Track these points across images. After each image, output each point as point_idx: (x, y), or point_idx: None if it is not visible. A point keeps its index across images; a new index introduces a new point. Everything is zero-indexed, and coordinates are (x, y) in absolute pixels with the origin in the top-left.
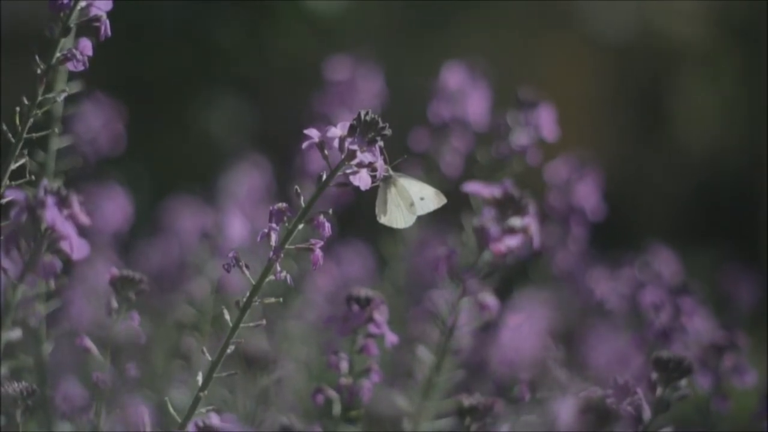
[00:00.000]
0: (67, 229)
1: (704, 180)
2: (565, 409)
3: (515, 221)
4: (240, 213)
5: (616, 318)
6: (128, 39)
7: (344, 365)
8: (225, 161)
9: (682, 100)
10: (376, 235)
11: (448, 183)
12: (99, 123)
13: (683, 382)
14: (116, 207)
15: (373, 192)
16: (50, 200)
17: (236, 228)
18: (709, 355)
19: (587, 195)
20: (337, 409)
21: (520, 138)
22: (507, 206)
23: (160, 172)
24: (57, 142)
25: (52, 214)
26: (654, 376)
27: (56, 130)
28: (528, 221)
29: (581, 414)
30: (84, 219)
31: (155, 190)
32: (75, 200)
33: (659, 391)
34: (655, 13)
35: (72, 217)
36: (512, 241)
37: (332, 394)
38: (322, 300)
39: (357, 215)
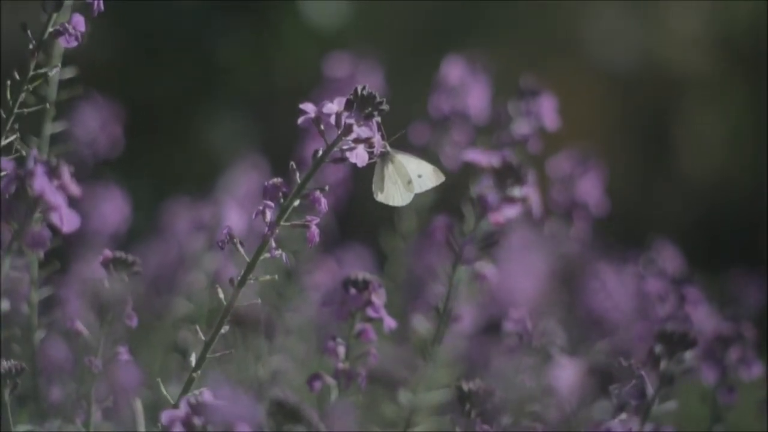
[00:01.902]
0: (56, 199)
1: (710, 208)
2: (566, 372)
3: (514, 190)
4: (237, 207)
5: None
6: (130, 55)
7: (341, 350)
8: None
9: (687, 128)
10: (376, 237)
11: (448, 176)
12: (97, 125)
13: (687, 355)
14: (114, 208)
15: (371, 195)
16: (39, 169)
17: (233, 220)
18: (714, 347)
19: (590, 189)
20: (334, 395)
21: (521, 127)
22: (506, 175)
23: (162, 187)
24: (50, 128)
25: (41, 183)
26: (658, 349)
27: (48, 107)
28: (527, 190)
29: (583, 377)
30: (74, 190)
31: (156, 204)
32: (65, 170)
33: (663, 364)
34: (659, 41)
35: (62, 188)
36: (511, 211)
37: (329, 380)
38: (321, 297)
39: (357, 219)
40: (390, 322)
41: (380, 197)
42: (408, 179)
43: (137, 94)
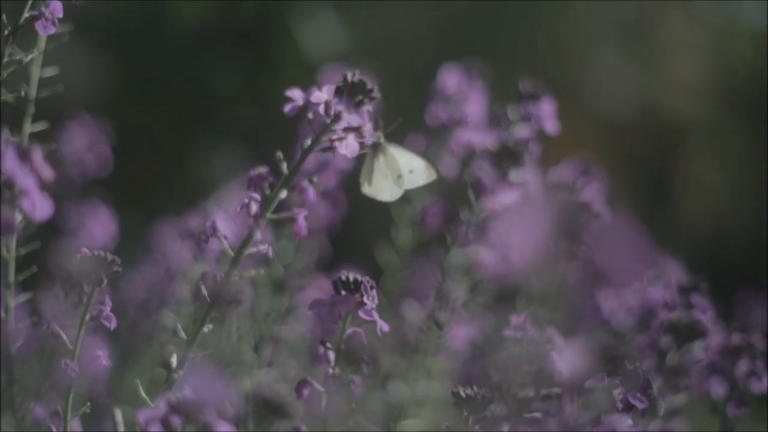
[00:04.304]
0: (28, 182)
1: (710, 255)
2: (567, 352)
3: (512, 173)
4: (225, 216)
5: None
6: (125, 86)
7: (332, 356)
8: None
9: (687, 176)
10: (371, 252)
11: (446, 185)
12: (85, 144)
13: (695, 345)
14: (101, 226)
15: (366, 212)
16: (10, 150)
17: (221, 227)
18: (723, 358)
19: (593, 199)
20: (323, 402)
21: (520, 131)
22: (502, 157)
23: (158, 218)
24: (29, 126)
25: (11, 166)
26: (664, 342)
27: (24, 95)
28: (526, 174)
29: (588, 356)
30: (47, 173)
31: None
32: (37, 153)
33: (671, 356)
34: (660, 89)
35: (34, 172)
36: (509, 197)
37: (318, 387)
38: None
39: (351, 237)
40: (383, 325)
41: (367, 190)
42: (398, 174)
43: (133, 126)
